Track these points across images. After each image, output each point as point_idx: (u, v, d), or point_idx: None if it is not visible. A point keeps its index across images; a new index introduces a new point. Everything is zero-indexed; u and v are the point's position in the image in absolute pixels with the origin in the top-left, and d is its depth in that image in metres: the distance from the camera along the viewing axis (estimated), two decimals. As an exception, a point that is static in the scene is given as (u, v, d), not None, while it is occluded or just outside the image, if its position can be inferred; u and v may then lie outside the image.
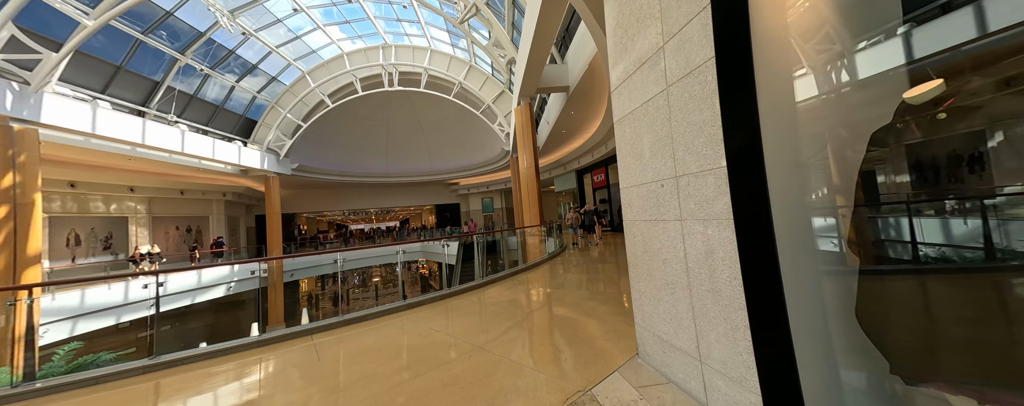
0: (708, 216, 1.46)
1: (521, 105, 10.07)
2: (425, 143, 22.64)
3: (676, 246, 1.71)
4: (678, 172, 1.66)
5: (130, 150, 10.55)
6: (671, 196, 1.73)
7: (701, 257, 1.52)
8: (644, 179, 1.98)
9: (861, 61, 1.26)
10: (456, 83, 16.69)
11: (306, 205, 22.81)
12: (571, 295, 4.32)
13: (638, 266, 2.12)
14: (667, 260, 1.80)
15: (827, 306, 1.21)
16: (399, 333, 3.27)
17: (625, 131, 2.17)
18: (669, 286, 1.79)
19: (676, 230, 1.70)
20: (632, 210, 2.16)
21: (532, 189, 10.11)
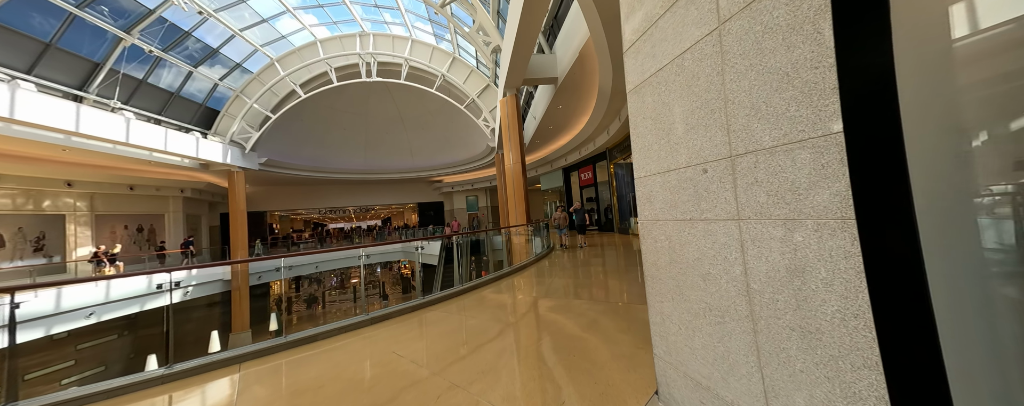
0: (796, 214, 0.93)
1: (507, 97, 9.49)
2: (407, 138, 21.71)
3: (728, 257, 1.19)
4: (735, 150, 1.13)
5: (63, 139, 9.29)
6: (721, 185, 1.20)
7: (778, 276, 1.00)
8: (674, 163, 1.45)
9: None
10: (439, 75, 15.92)
11: (278, 203, 21.43)
12: (565, 305, 3.79)
13: (661, 281, 1.59)
14: (710, 276, 1.28)
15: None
16: (354, 360, 2.64)
17: (644, 102, 1.64)
18: (713, 313, 1.27)
19: (728, 234, 1.18)
20: (653, 206, 1.63)
21: (518, 186, 9.57)
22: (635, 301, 3.79)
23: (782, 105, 0.96)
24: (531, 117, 14.38)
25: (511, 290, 4.91)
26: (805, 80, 0.90)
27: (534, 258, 7.49)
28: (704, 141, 1.27)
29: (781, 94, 0.96)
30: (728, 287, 1.20)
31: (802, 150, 0.92)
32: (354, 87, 17.18)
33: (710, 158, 1.25)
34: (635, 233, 12.17)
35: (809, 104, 0.89)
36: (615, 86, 7.70)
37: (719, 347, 1.25)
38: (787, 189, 0.97)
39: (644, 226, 1.71)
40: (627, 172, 13.00)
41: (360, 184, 22.98)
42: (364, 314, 3.58)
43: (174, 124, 12.99)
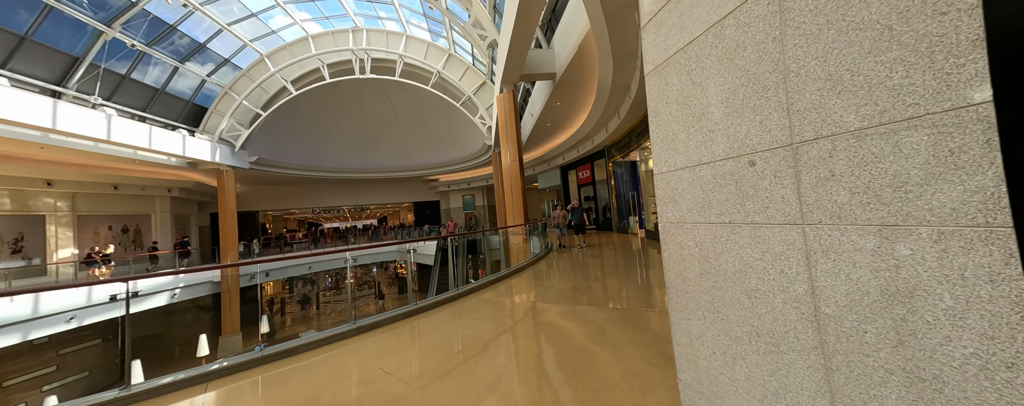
0: (900, 218, 0.69)
1: (504, 93, 9.22)
2: (402, 136, 21.36)
3: (785, 271, 0.94)
4: (800, 135, 0.88)
5: (41, 137, 8.89)
6: (776, 181, 0.96)
7: (867, 299, 0.75)
8: (707, 155, 1.20)
9: None
10: (434, 72, 15.60)
11: (270, 202, 21.00)
12: (568, 312, 3.55)
13: (688, 295, 1.35)
14: (759, 293, 1.03)
15: None
16: (335, 377, 2.37)
17: (668, 84, 1.39)
18: (763, 339, 1.03)
19: (787, 242, 0.93)
20: (678, 206, 1.38)
21: (516, 185, 9.31)
22: (641, 306, 3.56)
23: (880, 71, 0.71)
24: (528, 114, 14.12)
25: (509, 294, 4.66)
26: (922, 32, 0.65)
27: (532, 259, 7.25)
28: (751, 126, 1.03)
29: (879, 56, 0.71)
30: (786, 309, 0.95)
31: (914, 131, 0.67)
32: (347, 84, 16.81)
33: (760, 147, 1.00)
34: (634, 232, 11.97)
35: (928, 66, 0.64)
36: (615, 81, 7.47)
37: (771, 382, 1.01)
38: (884, 185, 0.72)
39: (666, 230, 1.47)
40: (626, 170, 12.79)
41: (355, 183, 22.61)
42: (351, 322, 3.31)
43: (160, 121, 12.57)
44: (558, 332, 2.97)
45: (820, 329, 0.87)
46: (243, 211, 19.21)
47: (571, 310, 3.58)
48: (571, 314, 3.44)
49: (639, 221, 11.66)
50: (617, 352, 2.40)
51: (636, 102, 8.06)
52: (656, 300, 3.82)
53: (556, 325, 3.17)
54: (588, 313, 3.41)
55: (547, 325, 3.21)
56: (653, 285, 4.53)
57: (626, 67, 6.68)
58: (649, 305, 3.61)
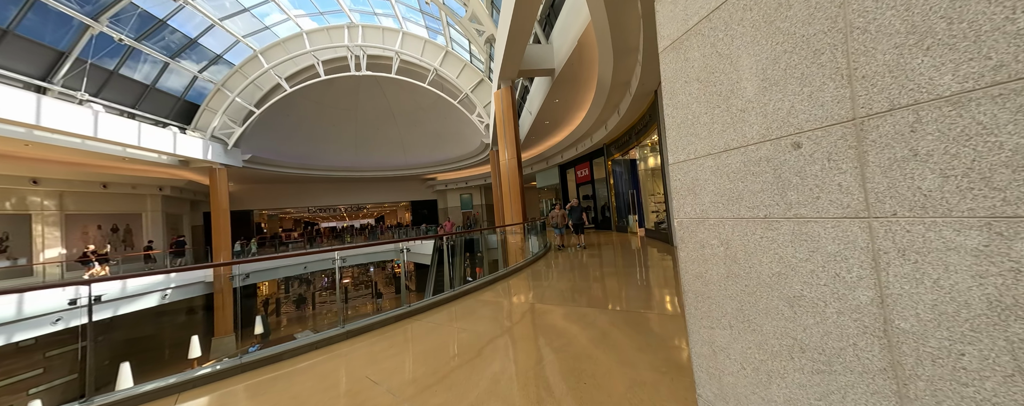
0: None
1: (502, 89, 9.03)
2: (398, 135, 21.13)
3: (842, 274, 0.77)
4: (866, 107, 0.72)
5: (25, 133, 8.63)
6: (830, 165, 0.79)
7: (967, 312, 0.59)
8: (737, 139, 1.03)
9: None
10: (431, 69, 15.39)
11: (265, 201, 20.73)
12: (568, 314, 3.38)
13: (710, 301, 1.18)
14: (803, 301, 0.86)
15: None
16: (319, 388, 2.19)
17: (688, 59, 1.22)
18: (808, 355, 0.86)
19: (845, 239, 0.77)
20: (698, 199, 1.21)
21: (514, 183, 9.13)
22: (643, 307, 3.40)
23: (997, 13, 0.54)
24: (526, 112, 13.94)
25: (507, 295, 4.49)
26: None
27: (531, 259, 7.08)
28: (797, 101, 0.86)
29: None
30: (842, 320, 0.79)
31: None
32: (343, 81, 16.57)
33: (808, 125, 0.83)
34: (633, 231, 11.83)
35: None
36: (616, 77, 7.30)
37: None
38: (998, 164, 0.55)
39: (684, 226, 1.30)
40: (625, 169, 12.64)
41: (351, 182, 22.36)
42: (339, 326, 3.13)
43: (150, 118, 12.29)
44: (558, 336, 2.80)
45: (892, 347, 0.70)
46: (237, 210, 18.96)
47: (572, 312, 3.42)
48: (572, 316, 3.27)
49: (639, 220, 11.51)
50: (622, 359, 2.23)
51: (636, 98, 7.91)
52: (658, 301, 3.66)
53: (556, 328, 3.00)
54: (589, 315, 3.24)
55: (547, 328, 3.04)
56: (654, 285, 4.38)
57: (627, 62, 6.52)
58: (651, 307, 3.45)
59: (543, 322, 3.22)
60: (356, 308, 21.71)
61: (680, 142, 1.29)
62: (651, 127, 8.32)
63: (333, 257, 4.25)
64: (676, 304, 3.39)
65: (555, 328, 3.01)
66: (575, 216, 8.95)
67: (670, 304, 3.41)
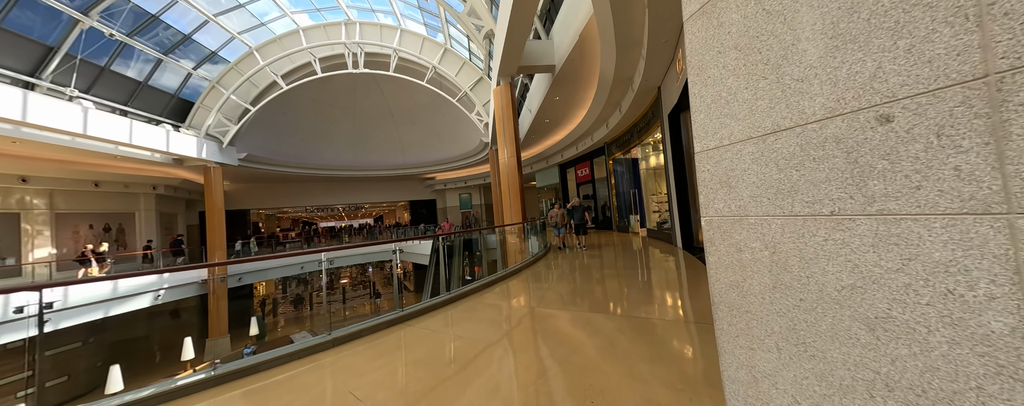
0: None
1: (501, 85, 8.82)
2: (397, 133, 20.91)
3: (960, 291, 0.57)
4: (1009, 57, 0.50)
5: (12, 130, 8.40)
6: (944, 142, 0.58)
7: None
8: (794, 116, 0.83)
9: None
10: (430, 67, 15.18)
11: (262, 200, 20.50)
12: (572, 320, 3.17)
13: (750, 316, 0.97)
14: (891, 324, 0.66)
15: None
16: (298, 405, 1.98)
17: (722, 24, 1.01)
18: (895, 394, 0.66)
19: (967, 242, 0.56)
20: (736, 193, 1.01)
21: (514, 182, 8.92)
22: (651, 313, 3.19)
23: None
24: (526, 110, 13.74)
25: (506, 298, 4.28)
26: None
27: (530, 260, 6.87)
28: (887, 58, 0.65)
29: None
30: (957, 354, 0.58)
31: None
32: (340, 79, 16.35)
33: (906, 91, 0.63)
34: (635, 231, 11.63)
35: None
36: (618, 72, 7.10)
37: (919, 468, 0.63)
38: None
39: (715, 226, 1.09)
40: (626, 168, 12.44)
41: (349, 181, 22.14)
42: (325, 333, 2.91)
43: (143, 116, 12.07)
44: (561, 345, 2.60)
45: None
46: (233, 210, 18.73)
47: (575, 317, 3.21)
48: (576, 322, 3.06)
49: (640, 220, 11.31)
50: (632, 372, 2.03)
51: (639, 95, 7.70)
52: (667, 307, 3.45)
53: (558, 336, 2.79)
54: (594, 321, 3.03)
55: (548, 335, 2.83)
56: (660, 288, 4.17)
57: (630, 56, 6.32)
58: (659, 312, 3.24)
59: (544, 328, 3.01)
60: (354, 308, 21.50)
61: (710, 126, 1.08)
62: (654, 124, 8.12)
63: (320, 258, 4.03)
64: (686, 310, 3.18)
65: (557, 335, 2.81)
66: (577, 216, 8.56)
67: (681, 310, 3.20)
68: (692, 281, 4.26)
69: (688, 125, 6.83)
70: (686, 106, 6.54)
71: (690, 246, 6.69)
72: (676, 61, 5.51)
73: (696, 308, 3.21)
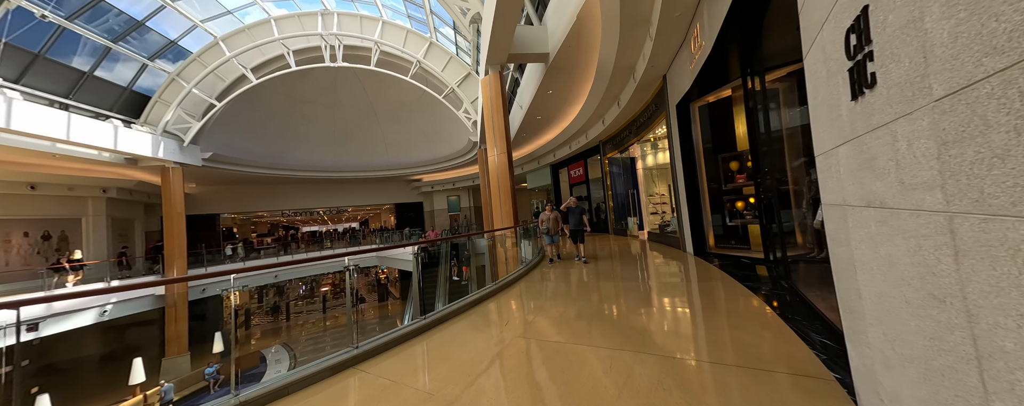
0: None
1: (490, 75, 8.02)
2: (381, 133, 19.87)
3: None
4: None
5: (-86, 123, 7.14)
6: None
7: None
8: None
9: None
10: (414, 62, 14.27)
11: (232, 204, 19.10)
12: (590, 358, 2.34)
13: None
14: None
15: None
16: None
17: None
18: None
19: None
20: (881, 176, 0.21)
21: (504, 182, 8.11)
22: (709, 354, 2.40)
23: None
24: (517, 106, 12.99)
25: (495, 322, 3.45)
26: None
27: (523, 270, 6.04)
28: None
29: None
30: None
31: None
32: (318, 74, 15.29)
33: None
34: (633, 234, 10.96)
35: None
36: (619, 59, 6.38)
37: None
38: None
39: (848, 222, 0.33)
40: (623, 167, 11.79)
41: (329, 183, 20.93)
42: (265, 382, 2.02)
43: (89, 110, 10.78)
44: (583, 397, 1.78)
45: None
46: (200, 214, 17.33)
47: (588, 355, 2.40)
48: (589, 361, 2.25)
49: (639, 222, 10.65)
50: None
51: (641, 86, 7.02)
52: (727, 344, 2.67)
53: (568, 384, 1.97)
54: (620, 361, 2.22)
55: (553, 384, 2.01)
56: (706, 314, 3.39)
57: (635, 37, 5.61)
58: (719, 352, 2.45)
59: (547, 372, 2.19)
60: (336, 318, 20.21)
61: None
62: (657, 118, 7.44)
63: (275, 274, 3.19)
64: (759, 352, 2.40)
65: (566, 382, 1.99)
66: (574, 219, 6.83)
67: (748, 353, 2.40)
68: (730, 299, 3.50)
69: (698, 117, 6.16)
70: (698, 95, 5.87)
71: (703, 251, 5.99)
72: (690, 39, 4.81)
73: (773, 349, 2.43)
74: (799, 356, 2.07)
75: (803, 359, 2.02)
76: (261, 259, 16.72)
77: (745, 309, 3.09)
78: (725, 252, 5.73)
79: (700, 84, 5.26)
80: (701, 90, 5.63)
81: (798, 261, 3.76)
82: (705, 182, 6.05)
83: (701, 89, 5.57)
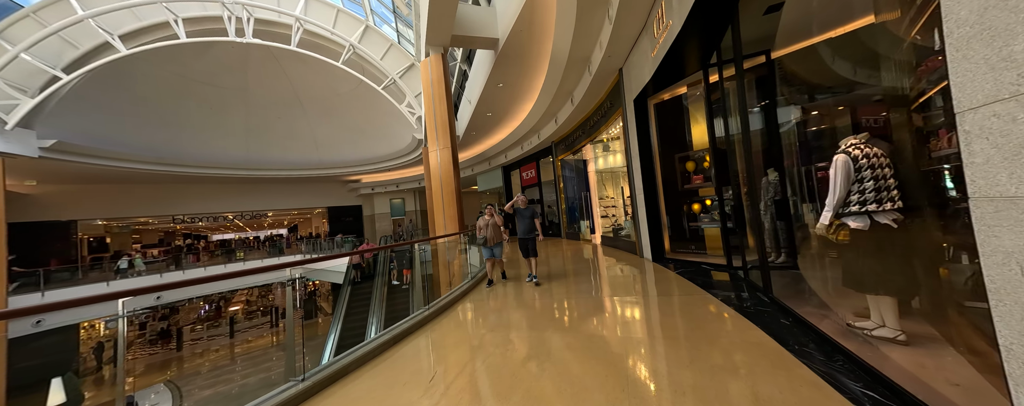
0: None
1: (431, 57, 6.96)
2: (308, 126, 17.36)
3: None
4: None
5: None
6: None
7: None
8: None
9: None
10: (347, 46, 12.51)
11: (99, 208, 15.05)
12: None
13: None
14: None
15: None
16: None
17: None
18: None
19: None
20: None
21: (448, 182, 7.08)
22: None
23: None
24: (466, 102, 12.03)
25: (422, 374, 2.44)
26: None
27: (466, 286, 5.07)
28: None
29: None
30: None
31: None
32: (221, 50, 12.65)
33: None
34: (586, 238, 10.65)
35: None
36: (574, 49, 5.80)
37: None
38: None
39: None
40: (575, 170, 11.48)
41: (242, 183, 17.73)
42: None
43: None
44: None
45: None
46: (46, 221, 13.30)
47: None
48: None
49: (590, 226, 10.35)
50: None
51: (597, 80, 6.56)
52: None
53: None
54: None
55: None
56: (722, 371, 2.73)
57: (592, 21, 5.04)
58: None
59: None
60: (251, 342, 16.94)
61: None
62: (611, 117, 7.06)
63: (119, 306, 1.98)
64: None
65: None
66: (523, 225, 5.10)
67: None
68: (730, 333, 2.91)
69: (654, 114, 5.82)
70: (655, 91, 5.50)
71: (661, 257, 5.62)
72: (653, 21, 4.34)
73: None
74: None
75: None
76: (134, 278, 13.30)
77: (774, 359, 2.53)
78: (682, 257, 5.42)
79: (659, 78, 4.87)
80: (658, 85, 5.27)
81: (772, 269, 3.40)
82: (661, 183, 5.73)
83: (658, 84, 5.21)
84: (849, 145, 2.16)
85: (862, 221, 2.07)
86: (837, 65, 3.30)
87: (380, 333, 3.24)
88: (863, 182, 2.07)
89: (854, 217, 2.10)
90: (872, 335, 2.11)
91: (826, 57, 3.34)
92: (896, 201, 2.01)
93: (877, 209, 2.02)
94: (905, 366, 1.77)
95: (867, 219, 2.06)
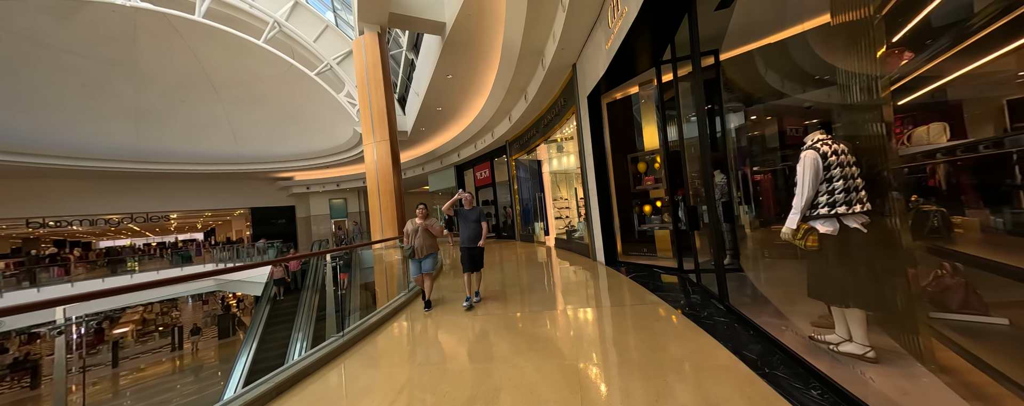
0: None
1: (366, 35, 6.07)
2: (224, 114, 14.92)
3: None
4: None
5: None
6: None
7: None
8: None
9: None
10: (270, 22, 10.87)
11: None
12: None
13: None
14: None
15: None
16: None
17: None
18: None
19: None
20: None
21: (386, 180, 6.23)
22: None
23: None
24: (413, 94, 11.12)
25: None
26: None
27: (401, 301, 4.35)
28: None
29: None
30: None
31: None
32: (102, 16, 10.22)
33: None
34: (540, 241, 10.38)
35: None
36: (527, 40, 5.39)
37: None
38: None
39: None
40: (528, 171, 11.18)
41: (130, 178, 14.65)
42: None
43: None
44: None
45: None
46: None
47: None
48: None
49: (544, 228, 10.09)
50: None
51: (550, 76, 6.23)
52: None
53: None
54: None
55: None
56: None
57: (544, 10, 4.67)
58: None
59: None
60: (143, 369, 13.90)
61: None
62: (565, 115, 6.80)
63: None
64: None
65: None
66: (466, 230, 3.94)
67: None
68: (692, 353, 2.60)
69: (607, 114, 5.64)
70: (607, 88, 5.30)
71: (614, 261, 5.43)
72: (607, 10, 4.06)
73: None
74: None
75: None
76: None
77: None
78: (634, 260, 5.29)
79: (612, 74, 4.65)
80: (611, 82, 5.08)
81: (727, 272, 3.26)
82: (614, 184, 5.56)
83: (611, 81, 5.01)
84: (816, 141, 1.96)
85: (831, 225, 1.87)
86: (768, 76, 3.29)
87: (304, 354, 2.47)
88: (832, 181, 1.87)
89: (822, 220, 1.89)
90: (839, 351, 1.93)
91: (760, 66, 3.32)
92: (865, 203, 1.83)
93: (846, 211, 1.83)
94: (887, 392, 1.55)
95: (836, 222, 1.86)
